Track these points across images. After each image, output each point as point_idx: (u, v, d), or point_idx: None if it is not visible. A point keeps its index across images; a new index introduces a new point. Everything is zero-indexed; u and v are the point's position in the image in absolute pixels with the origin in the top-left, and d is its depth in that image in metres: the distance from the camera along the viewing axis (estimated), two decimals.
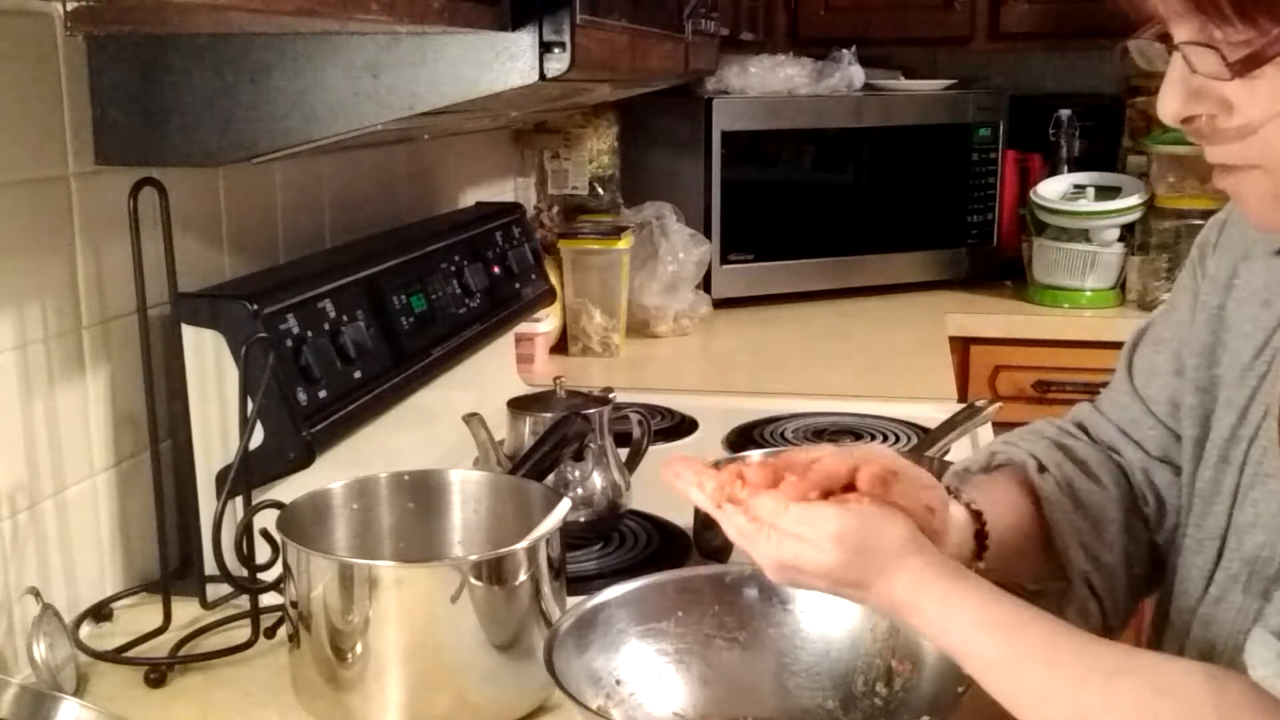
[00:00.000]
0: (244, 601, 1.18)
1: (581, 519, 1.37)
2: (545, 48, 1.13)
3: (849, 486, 0.85)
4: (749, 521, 0.84)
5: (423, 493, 1.18)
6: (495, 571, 1.02)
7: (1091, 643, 0.78)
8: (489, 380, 1.85)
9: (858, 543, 0.81)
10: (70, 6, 1.10)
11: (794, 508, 0.82)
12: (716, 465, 0.89)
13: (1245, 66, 0.71)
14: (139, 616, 1.21)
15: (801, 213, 2.75)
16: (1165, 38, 0.75)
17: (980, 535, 0.94)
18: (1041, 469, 1.01)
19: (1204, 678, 0.74)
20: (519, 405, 1.43)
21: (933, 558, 0.82)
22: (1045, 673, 0.77)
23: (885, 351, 2.37)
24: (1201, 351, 0.95)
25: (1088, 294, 2.70)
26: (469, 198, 2.18)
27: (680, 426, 1.89)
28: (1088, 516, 0.99)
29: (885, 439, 1.80)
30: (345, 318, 1.38)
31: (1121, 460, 1.04)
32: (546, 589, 1.05)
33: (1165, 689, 0.74)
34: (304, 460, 1.24)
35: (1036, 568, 1.00)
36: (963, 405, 1.64)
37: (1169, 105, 0.76)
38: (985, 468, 1.06)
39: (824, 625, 1.01)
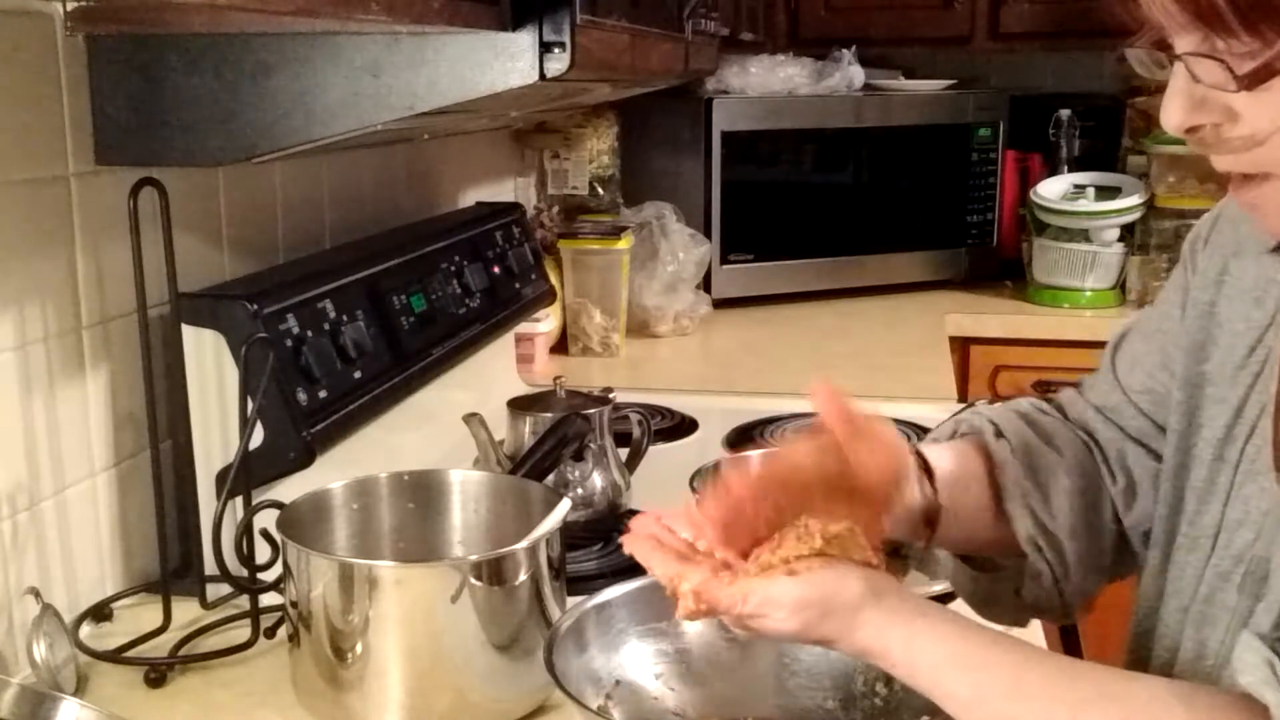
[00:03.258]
0: (244, 601, 1.18)
1: (581, 519, 1.37)
2: (545, 48, 1.13)
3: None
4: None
5: (423, 493, 1.18)
6: (495, 571, 1.02)
7: (1061, 672, 0.78)
8: (489, 380, 1.85)
9: (817, 608, 0.81)
10: (70, 6, 1.10)
11: (752, 594, 0.82)
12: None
13: (1254, 80, 0.70)
14: (139, 616, 1.21)
15: (801, 213, 2.75)
16: (1164, 46, 0.75)
17: (926, 471, 0.95)
18: (999, 435, 1.02)
19: (1172, 699, 0.75)
20: (519, 405, 1.43)
21: (892, 603, 0.82)
22: (1013, 706, 0.77)
23: (885, 351, 2.37)
24: (1190, 347, 0.95)
25: (1088, 294, 2.70)
26: (469, 198, 2.18)
27: (680, 426, 1.89)
28: (1039, 483, 0.99)
29: None
30: (345, 318, 1.38)
31: (1092, 439, 1.04)
32: (546, 589, 1.05)
33: (1135, 715, 0.74)
34: (304, 460, 1.24)
35: (992, 531, 1.00)
36: (963, 405, 1.64)
37: (1173, 116, 0.75)
38: (950, 436, 1.06)
39: None
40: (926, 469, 0.96)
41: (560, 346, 2.33)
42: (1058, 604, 0.99)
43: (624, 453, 1.45)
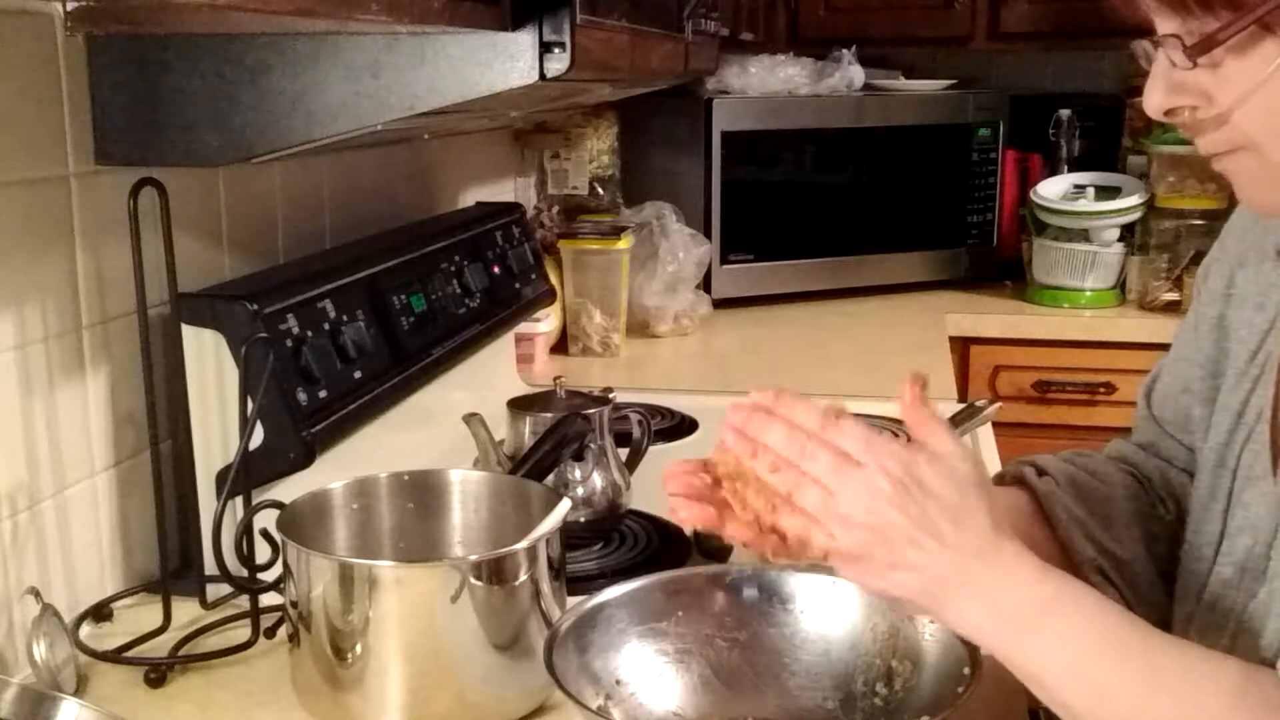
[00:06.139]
0: (244, 601, 1.18)
1: (581, 519, 1.37)
2: (545, 48, 1.13)
3: None
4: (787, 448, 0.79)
5: (423, 493, 1.18)
6: (495, 571, 1.02)
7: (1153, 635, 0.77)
8: (489, 380, 1.85)
9: (925, 474, 0.77)
10: (70, 6, 1.10)
11: (850, 424, 0.78)
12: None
13: (1198, 51, 0.72)
14: (139, 616, 1.21)
15: (801, 213, 2.75)
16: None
17: None
18: (1041, 473, 1.02)
19: (1237, 676, 0.74)
20: (519, 405, 1.43)
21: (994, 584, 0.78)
22: (1098, 647, 0.76)
23: (885, 351, 2.37)
24: (1205, 363, 0.96)
25: (1088, 294, 2.70)
26: (469, 198, 2.18)
27: (680, 426, 1.89)
28: (1093, 511, 0.99)
29: None
30: (345, 318, 1.38)
31: (1136, 470, 1.05)
32: (546, 589, 1.05)
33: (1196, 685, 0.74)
34: (304, 460, 1.24)
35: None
36: (963, 405, 1.64)
37: (1152, 99, 0.78)
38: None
39: (824, 625, 1.01)
40: None
41: (560, 346, 2.33)
42: None
43: (624, 453, 1.45)
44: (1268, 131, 0.75)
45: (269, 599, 1.15)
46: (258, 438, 1.20)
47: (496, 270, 1.84)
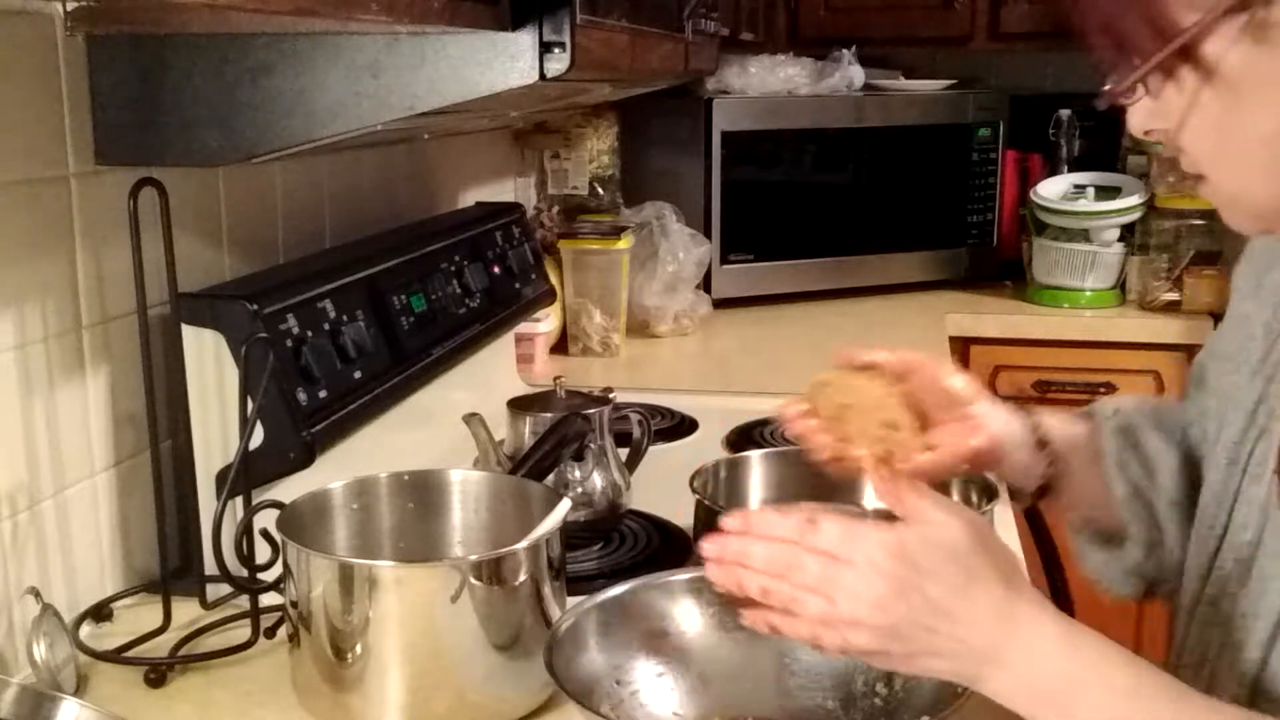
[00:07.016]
0: (244, 601, 1.18)
1: (581, 519, 1.37)
2: (545, 48, 1.13)
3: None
4: (767, 576, 0.78)
5: (423, 493, 1.19)
6: (495, 571, 1.02)
7: (1171, 686, 0.76)
8: (489, 380, 1.85)
9: (918, 554, 0.75)
10: (70, 6, 1.10)
11: (827, 523, 0.76)
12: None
13: (1115, 95, 0.78)
14: (139, 616, 1.21)
15: (801, 213, 2.75)
16: None
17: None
18: (1116, 412, 1.06)
19: None
20: (519, 405, 1.43)
21: (1023, 656, 0.76)
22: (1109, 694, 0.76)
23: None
24: (1225, 358, 0.97)
25: (1088, 294, 2.71)
26: (469, 198, 2.18)
27: (680, 426, 1.89)
28: (1143, 461, 1.02)
29: None
30: (345, 318, 1.38)
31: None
32: (546, 589, 1.05)
33: None
34: (304, 460, 1.24)
35: (1100, 496, 1.03)
36: None
37: (1133, 119, 0.82)
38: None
39: None
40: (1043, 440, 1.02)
41: (560, 346, 2.33)
42: (1153, 574, 1.01)
43: (624, 453, 1.45)
44: (1206, 156, 0.78)
45: (269, 599, 1.15)
46: (258, 438, 1.20)
47: (496, 270, 1.84)
